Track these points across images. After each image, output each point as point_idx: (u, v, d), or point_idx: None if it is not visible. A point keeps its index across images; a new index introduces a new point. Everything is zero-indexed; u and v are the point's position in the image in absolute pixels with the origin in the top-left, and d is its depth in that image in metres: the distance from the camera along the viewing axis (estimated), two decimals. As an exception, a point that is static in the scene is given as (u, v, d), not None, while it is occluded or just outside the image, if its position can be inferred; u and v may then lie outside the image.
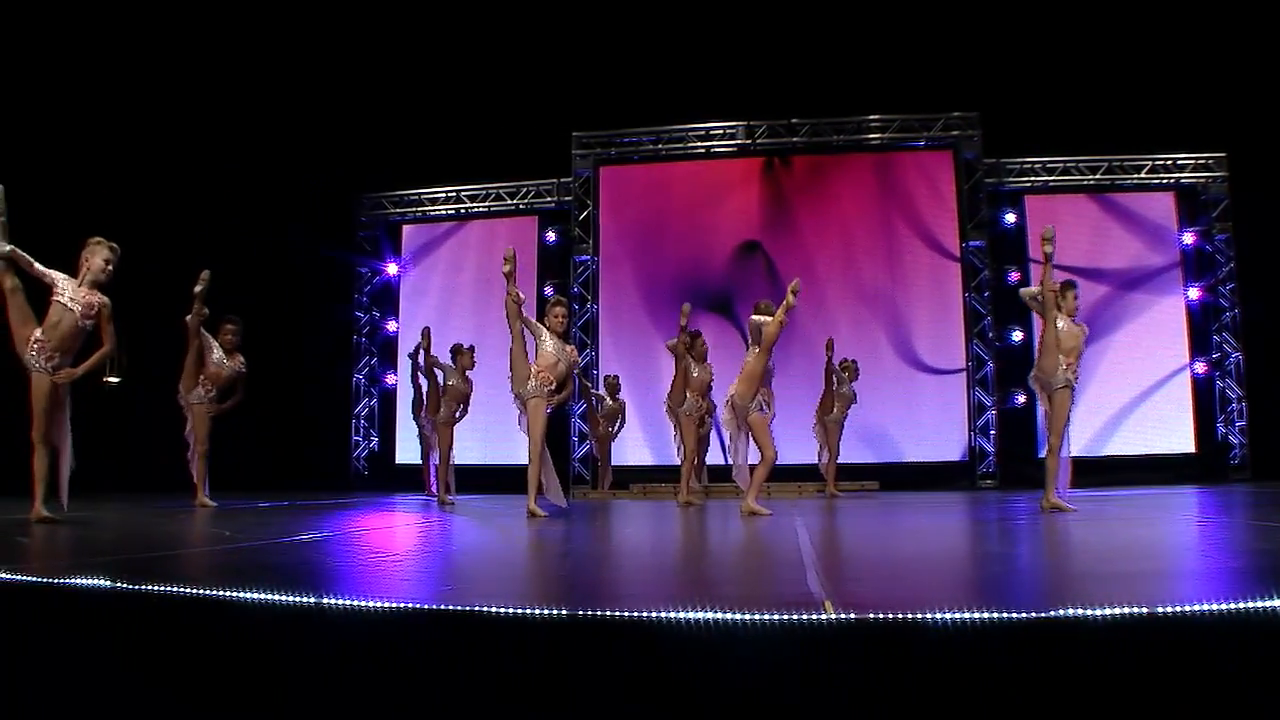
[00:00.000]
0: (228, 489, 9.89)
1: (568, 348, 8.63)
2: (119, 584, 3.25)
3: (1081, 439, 14.39)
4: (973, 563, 4.33)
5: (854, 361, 12.90)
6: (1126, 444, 14.50)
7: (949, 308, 14.92)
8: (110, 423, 11.32)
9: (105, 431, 10.79)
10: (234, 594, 3.08)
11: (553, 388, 8.35)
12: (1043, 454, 8.70)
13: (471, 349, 11.10)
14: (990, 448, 14.46)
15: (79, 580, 3.27)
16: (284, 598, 3.02)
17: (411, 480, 14.29)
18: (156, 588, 3.22)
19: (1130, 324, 14.71)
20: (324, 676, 2.88)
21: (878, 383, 14.04)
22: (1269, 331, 13.90)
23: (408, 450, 15.46)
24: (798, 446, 12.50)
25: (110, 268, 6.87)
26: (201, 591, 3.13)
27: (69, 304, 6.72)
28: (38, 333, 6.65)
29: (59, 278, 6.74)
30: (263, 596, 3.03)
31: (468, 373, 11.03)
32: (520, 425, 8.33)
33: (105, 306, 6.86)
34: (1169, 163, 14.96)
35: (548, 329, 8.57)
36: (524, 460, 8.30)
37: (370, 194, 16.66)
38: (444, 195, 16.55)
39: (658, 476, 14.16)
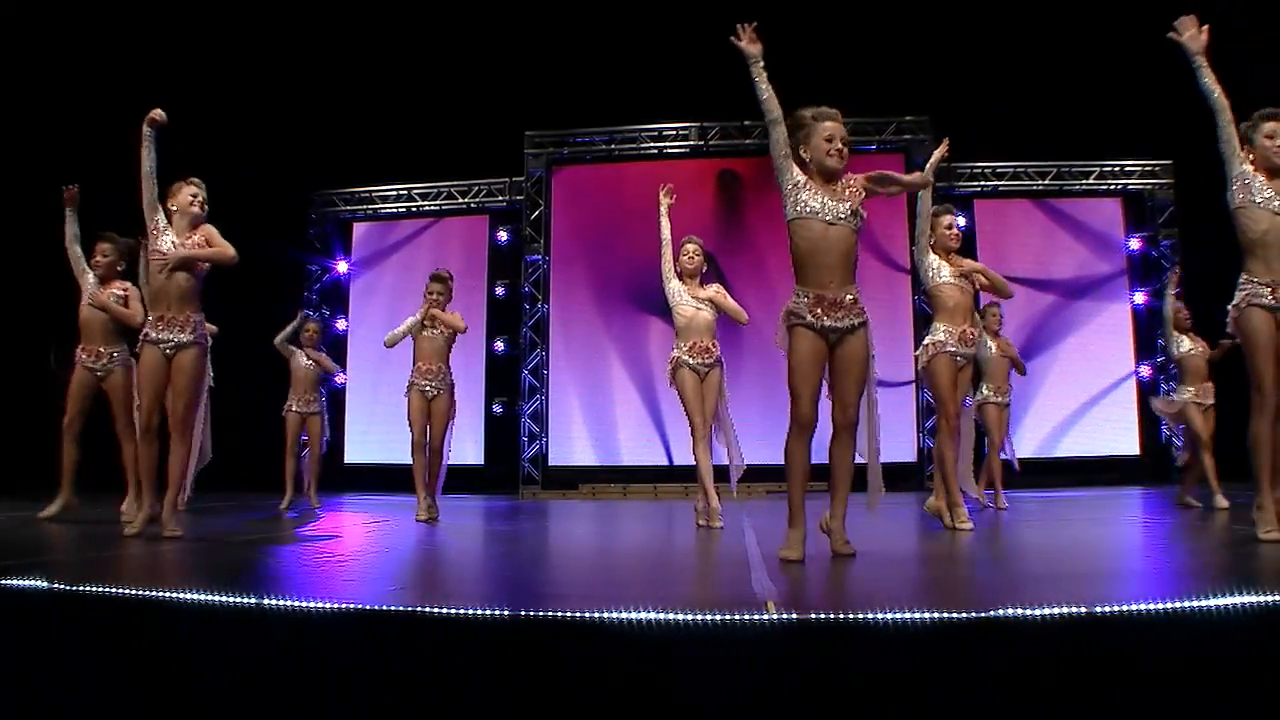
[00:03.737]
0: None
1: (704, 293, 7.25)
2: (57, 585, 3.20)
3: (1032, 442, 14.55)
4: (917, 563, 4.35)
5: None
6: (1074, 446, 14.65)
7: (898, 310, 15.00)
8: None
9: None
10: (174, 595, 3.04)
11: (710, 359, 7.06)
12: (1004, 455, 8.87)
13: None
14: (939, 449, 14.53)
15: (13, 581, 3.22)
16: (224, 598, 2.98)
17: (364, 480, 14.31)
18: (97, 589, 3.17)
19: (1078, 331, 14.87)
20: (266, 679, 2.85)
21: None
22: (1212, 335, 14.06)
23: (356, 450, 15.40)
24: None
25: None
26: (143, 593, 3.09)
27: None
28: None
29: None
30: (203, 597, 3.00)
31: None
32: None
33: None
34: (1116, 169, 15.14)
35: (680, 277, 7.30)
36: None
37: (321, 191, 16.51)
38: (395, 193, 16.42)
39: (604, 477, 14.24)
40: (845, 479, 4.65)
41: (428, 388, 8.13)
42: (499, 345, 15.38)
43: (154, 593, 3.05)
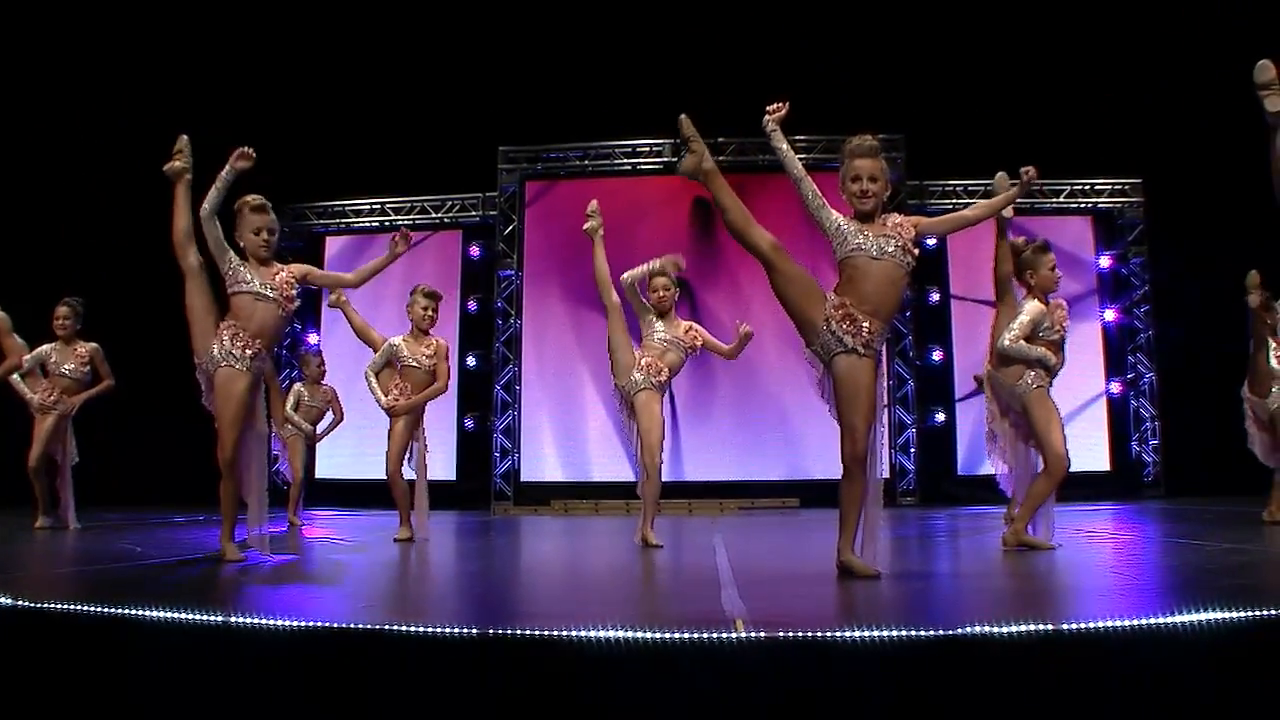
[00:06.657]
0: (145, 503, 9.64)
1: (681, 329, 7.41)
2: (20, 602, 3.17)
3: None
4: (888, 581, 4.35)
5: None
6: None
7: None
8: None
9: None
10: (140, 612, 3.01)
11: (664, 378, 7.21)
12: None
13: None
14: (911, 465, 14.60)
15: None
16: (191, 616, 2.95)
17: (334, 495, 14.21)
18: (60, 606, 3.14)
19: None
20: (233, 698, 2.83)
21: (804, 402, 14.12)
22: (1182, 352, 14.20)
23: (326, 466, 15.28)
24: (711, 463, 12.52)
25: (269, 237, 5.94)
26: (108, 610, 3.06)
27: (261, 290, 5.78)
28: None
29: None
30: (169, 615, 2.97)
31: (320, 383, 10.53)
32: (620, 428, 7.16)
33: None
34: (1086, 188, 15.25)
35: (651, 309, 7.39)
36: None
37: (293, 204, 16.41)
38: (368, 207, 16.33)
39: (576, 493, 14.28)
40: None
41: None
42: (471, 360, 15.32)
43: (119, 610, 3.02)
